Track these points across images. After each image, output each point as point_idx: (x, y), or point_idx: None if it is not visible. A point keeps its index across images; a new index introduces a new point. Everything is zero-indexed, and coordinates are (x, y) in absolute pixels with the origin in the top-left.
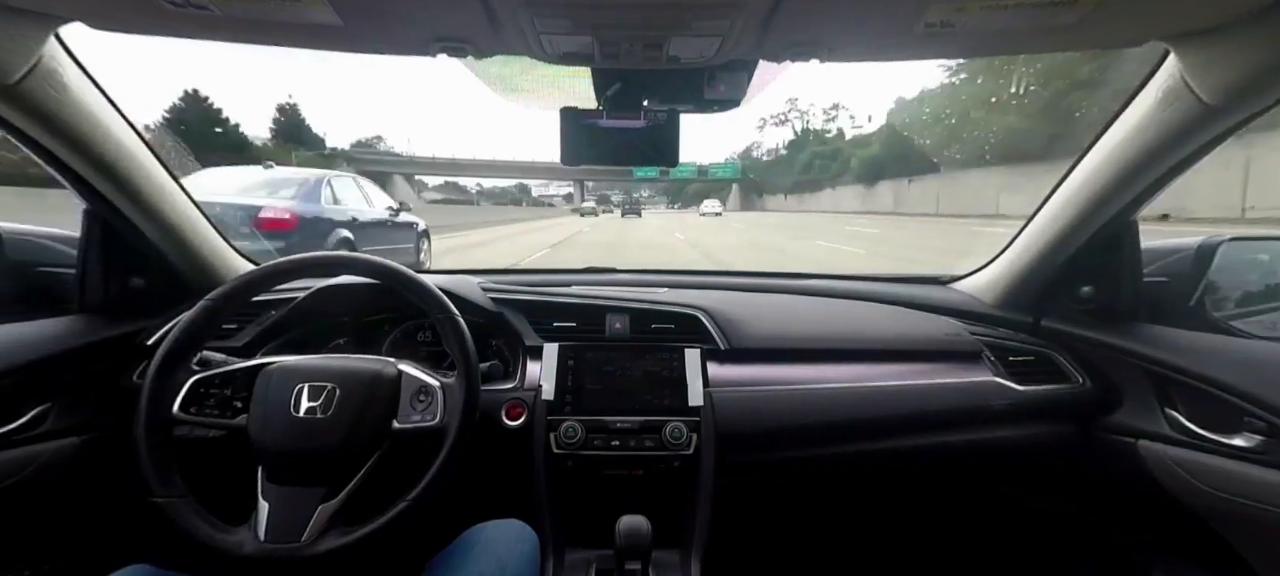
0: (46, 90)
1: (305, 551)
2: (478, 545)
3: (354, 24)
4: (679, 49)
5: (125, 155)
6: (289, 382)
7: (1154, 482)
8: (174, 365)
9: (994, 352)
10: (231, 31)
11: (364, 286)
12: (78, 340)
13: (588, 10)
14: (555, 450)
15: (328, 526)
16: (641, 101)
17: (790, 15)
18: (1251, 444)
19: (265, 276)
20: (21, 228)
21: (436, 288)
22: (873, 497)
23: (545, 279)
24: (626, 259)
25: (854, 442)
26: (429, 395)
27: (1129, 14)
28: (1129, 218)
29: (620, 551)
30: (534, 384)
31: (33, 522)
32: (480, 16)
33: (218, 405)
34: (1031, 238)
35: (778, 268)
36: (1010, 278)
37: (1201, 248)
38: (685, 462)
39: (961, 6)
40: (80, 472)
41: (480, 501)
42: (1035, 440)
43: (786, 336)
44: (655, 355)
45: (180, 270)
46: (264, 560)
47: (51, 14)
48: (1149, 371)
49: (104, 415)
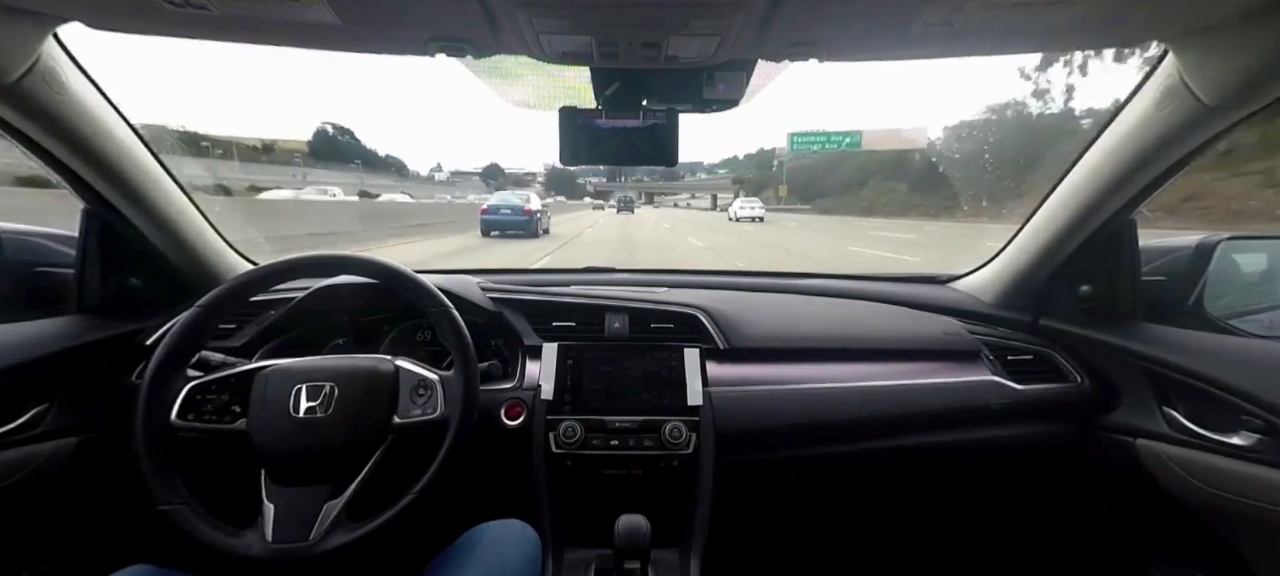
0: (45, 90)
1: (314, 549)
2: (479, 545)
3: (353, 24)
4: (678, 48)
5: (124, 155)
6: (287, 384)
7: (1152, 481)
8: (171, 370)
9: (993, 352)
10: (230, 31)
11: (362, 286)
12: (76, 340)
13: (586, 10)
14: (554, 449)
15: (335, 524)
16: (640, 101)
17: (789, 15)
18: (1249, 442)
19: (263, 277)
20: (20, 227)
21: (434, 286)
22: (871, 497)
23: (544, 279)
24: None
25: (853, 442)
26: (428, 389)
27: (1127, 14)
28: (1127, 217)
29: (619, 551)
30: (533, 383)
31: (32, 522)
32: (479, 16)
33: (216, 410)
34: (1030, 237)
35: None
36: (1009, 277)
37: (1200, 246)
38: (684, 462)
39: (959, 6)
40: (79, 472)
41: (481, 501)
42: (1034, 439)
43: (786, 336)
44: (654, 355)
45: (179, 270)
46: (273, 561)
47: (50, 14)
48: (1147, 370)
49: (103, 415)
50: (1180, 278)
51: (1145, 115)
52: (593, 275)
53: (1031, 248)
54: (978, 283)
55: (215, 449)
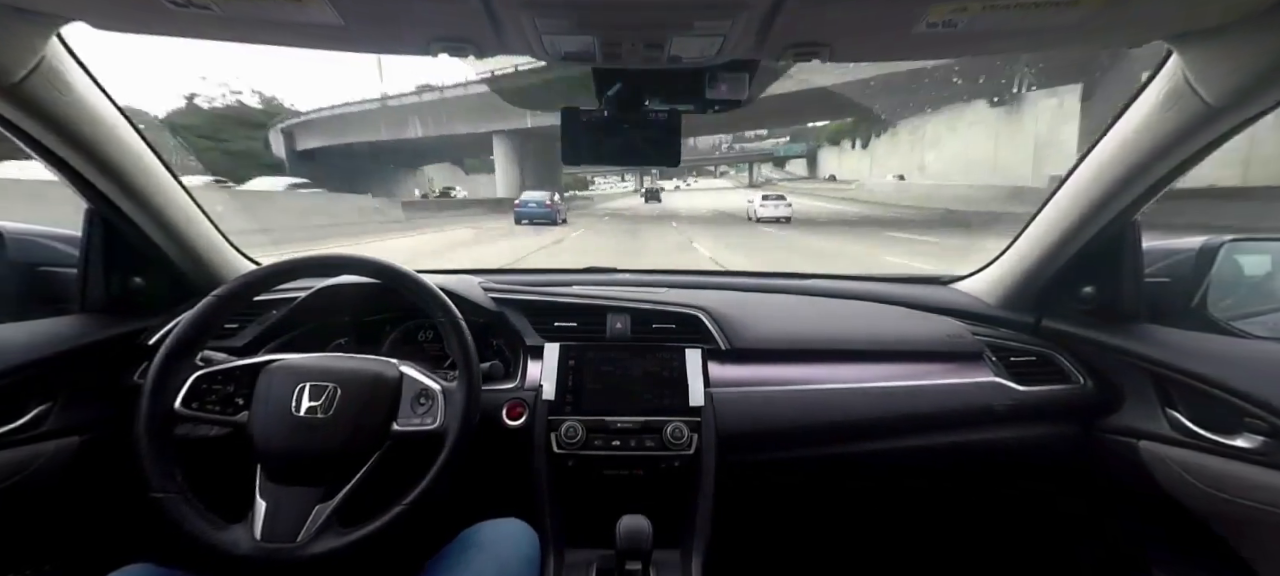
0: (49, 90)
1: (300, 552)
2: (477, 544)
3: (355, 24)
4: (680, 49)
5: (127, 155)
6: (291, 382)
7: (1155, 483)
8: (177, 361)
9: (995, 353)
10: (233, 31)
11: (365, 286)
12: (79, 340)
13: (589, 10)
14: (556, 450)
15: (324, 527)
16: (643, 101)
17: (792, 15)
18: (1253, 445)
19: (267, 276)
20: (23, 227)
21: (437, 288)
22: (873, 498)
23: (546, 278)
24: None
25: (855, 443)
26: (430, 398)
27: (1132, 14)
28: (1131, 218)
29: (621, 551)
30: (535, 383)
31: (33, 522)
32: (481, 17)
33: (219, 401)
34: (1033, 238)
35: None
36: (1012, 278)
37: (1203, 248)
38: (686, 462)
39: (964, 6)
40: (81, 472)
41: (480, 501)
42: (1036, 440)
43: (788, 336)
44: (656, 355)
45: (182, 270)
46: (258, 560)
47: (54, 14)
48: (1150, 372)
49: (105, 415)
50: (1184, 279)
51: (1150, 116)
52: (594, 275)
53: (1034, 249)
54: (980, 283)
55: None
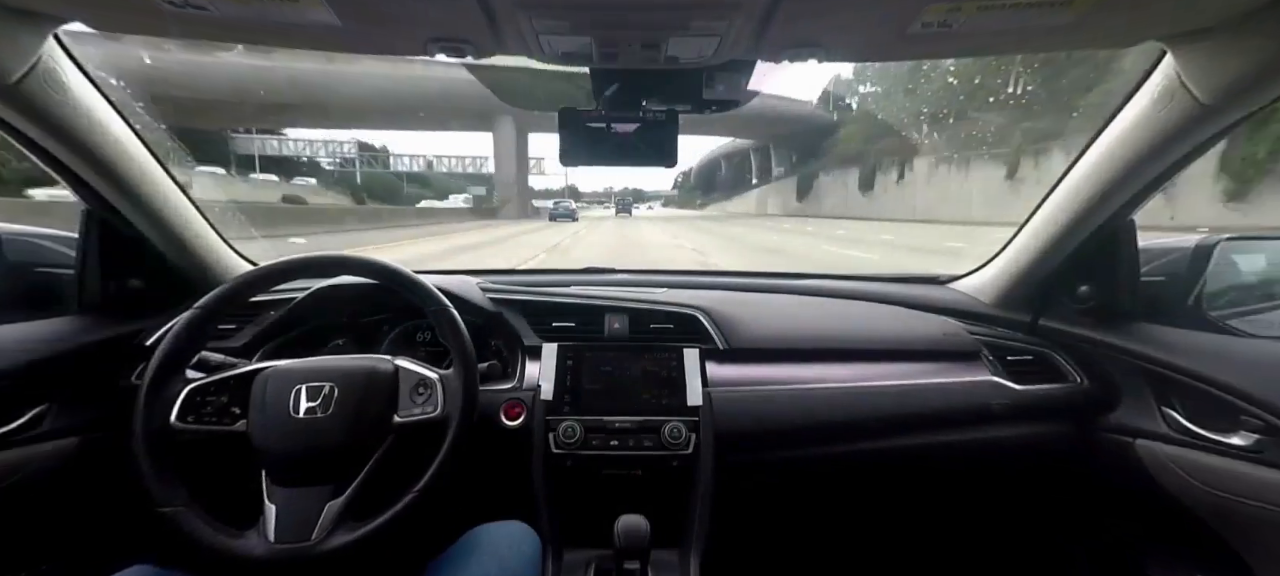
0: (46, 90)
1: (316, 549)
2: (479, 546)
3: (352, 24)
4: (677, 49)
5: (124, 156)
6: (286, 385)
7: (1151, 481)
8: (169, 373)
9: (992, 352)
10: (230, 31)
11: (362, 287)
12: (76, 340)
13: (586, 11)
14: (554, 450)
15: (336, 523)
16: (640, 102)
17: (788, 15)
18: (1248, 443)
19: (263, 277)
20: (20, 228)
21: (434, 287)
22: (871, 497)
23: (544, 279)
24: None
25: (853, 442)
26: (428, 387)
27: (1125, 14)
28: (1126, 217)
29: (619, 551)
30: (533, 384)
31: (32, 523)
32: (479, 17)
33: (216, 412)
34: (1029, 237)
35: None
36: (1008, 277)
37: (1199, 247)
38: (684, 462)
39: (958, 6)
40: (79, 473)
41: (480, 502)
42: (1033, 439)
43: (785, 336)
44: (654, 355)
45: (179, 270)
46: (276, 561)
47: (51, 14)
48: (1147, 371)
49: (102, 416)
50: (1179, 278)
51: (1143, 116)
52: (592, 275)
53: (1031, 248)
54: (977, 283)
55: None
